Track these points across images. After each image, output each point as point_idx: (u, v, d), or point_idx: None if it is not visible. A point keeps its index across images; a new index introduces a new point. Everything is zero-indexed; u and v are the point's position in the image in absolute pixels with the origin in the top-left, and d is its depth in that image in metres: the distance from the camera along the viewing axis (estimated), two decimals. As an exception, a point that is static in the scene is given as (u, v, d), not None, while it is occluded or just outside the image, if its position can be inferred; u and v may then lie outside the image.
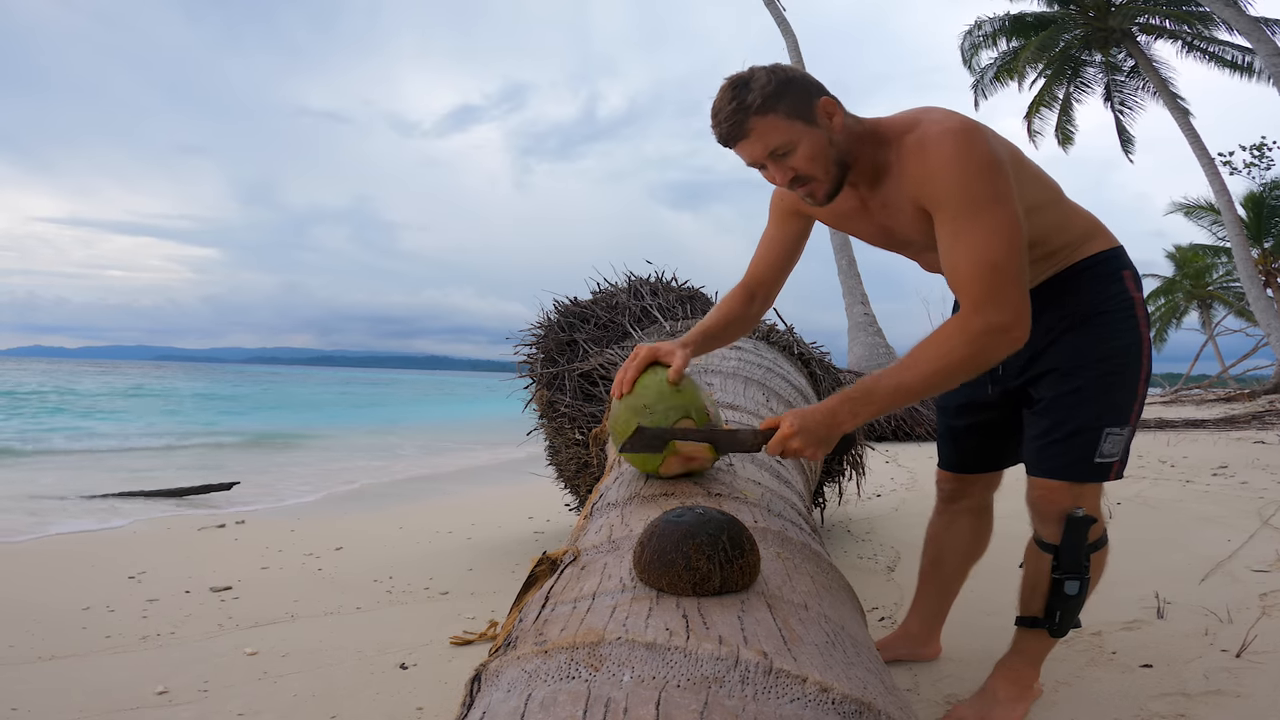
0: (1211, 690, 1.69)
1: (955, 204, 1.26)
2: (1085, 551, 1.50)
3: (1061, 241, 1.48)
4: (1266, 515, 3.48)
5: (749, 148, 1.30)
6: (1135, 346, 1.48)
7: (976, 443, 1.76)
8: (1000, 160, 1.28)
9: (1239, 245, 15.03)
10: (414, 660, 2.11)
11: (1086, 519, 1.48)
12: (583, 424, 3.15)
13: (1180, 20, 15.34)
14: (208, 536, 4.12)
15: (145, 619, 2.54)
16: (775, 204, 1.62)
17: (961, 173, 1.26)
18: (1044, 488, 1.51)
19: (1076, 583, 1.51)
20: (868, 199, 1.44)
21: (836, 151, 1.32)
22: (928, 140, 1.29)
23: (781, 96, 1.26)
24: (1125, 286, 1.50)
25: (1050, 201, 1.46)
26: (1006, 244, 1.25)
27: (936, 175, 1.27)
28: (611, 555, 1.07)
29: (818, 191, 1.35)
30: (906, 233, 1.44)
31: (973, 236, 1.25)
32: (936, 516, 1.91)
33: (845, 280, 14.81)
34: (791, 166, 1.31)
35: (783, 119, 1.27)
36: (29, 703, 1.86)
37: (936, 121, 1.31)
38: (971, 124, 1.30)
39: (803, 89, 1.29)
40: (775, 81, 1.27)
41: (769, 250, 1.62)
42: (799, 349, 3.20)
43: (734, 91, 1.27)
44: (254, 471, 7.85)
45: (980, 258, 1.24)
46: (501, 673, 0.80)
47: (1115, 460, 1.49)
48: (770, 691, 0.72)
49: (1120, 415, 1.47)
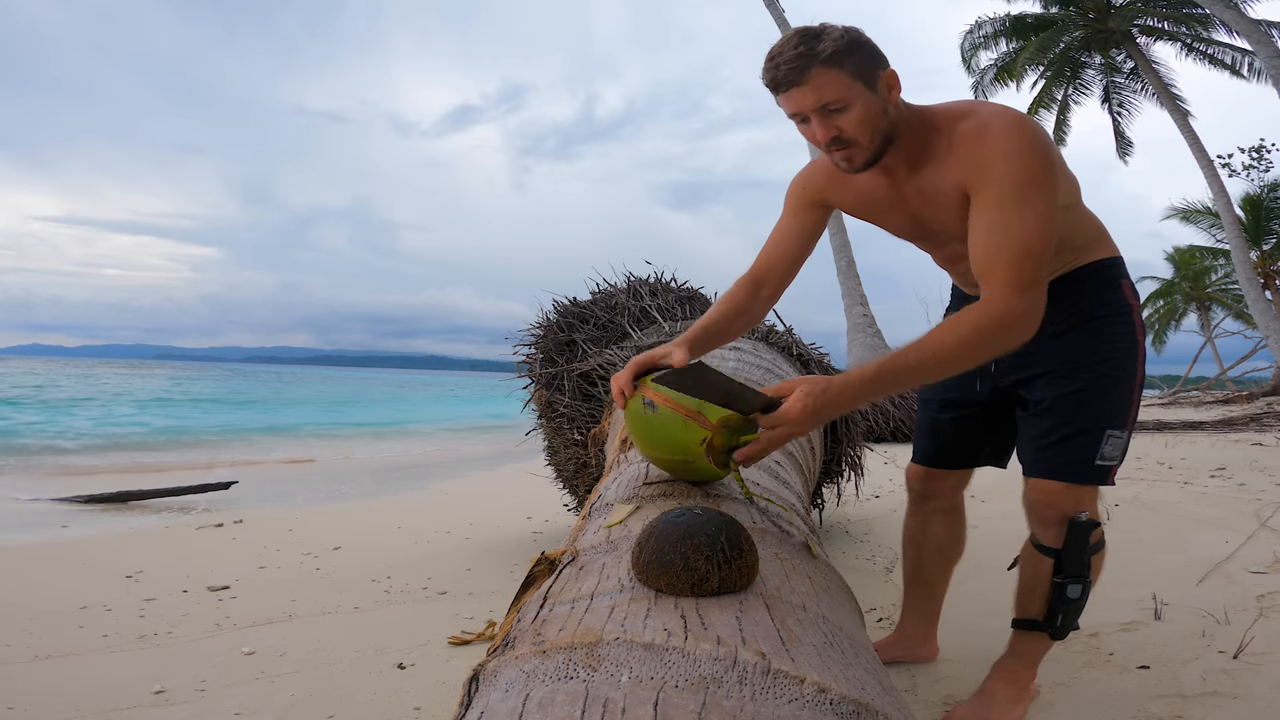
0: (1209, 691, 1.69)
1: (1007, 188, 1.27)
2: (1088, 555, 1.50)
3: (1076, 243, 1.49)
4: (1264, 517, 3.49)
5: (801, 96, 1.26)
6: (1132, 351, 1.49)
7: (956, 435, 1.77)
8: (1054, 155, 1.31)
9: (1238, 248, 15.04)
10: (412, 660, 2.10)
11: (1090, 523, 1.48)
12: (581, 424, 3.15)
13: (1180, 22, 15.36)
14: (205, 536, 4.11)
15: (143, 618, 2.54)
16: (794, 194, 1.58)
17: (1020, 159, 1.26)
18: (1043, 490, 1.51)
19: (1079, 586, 1.51)
20: (903, 184, 1.43)
21: (887, 124, 1.32)
22: (990, 127, 1.29)
23: (851, 54, 1.26)
24: (1124, 294, 1.52)
25: (1074, 203, 1.47)
26: (1044, 236, 1.26)
27: (995, 158, 1.28)
28: (610, 555, 1.07)
29: (856, 157, 1.33)
30: (939, 221, 1.42)
31: (1018, 222, 1.25)
32: (910, 519, 1.92)
33: (844, 281, 14.81)
34: (838, 125, 1.29)
35: (846, 75, 1.25)
36: (25, 702, 1.86)
37: (997, 112, 1.32)
38: (1031, 119, 1.32)
39: (872, 54, 1.29)
40: (849, 39, 1.26)
41: (781, 241, 1.58)
42: (798, 350, 3.20)
43: (803, 38, 1.25)
44: (255, 471, 7.84)
45: (1020, 244, 1.25)
46: (499, 673, 0.80)
47: (1116, 463, 1.49)
48: (768, 692, 0.72)
49: (1119, 418, 1.48)
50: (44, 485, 6.56)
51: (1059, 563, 1.51)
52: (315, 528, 4.32)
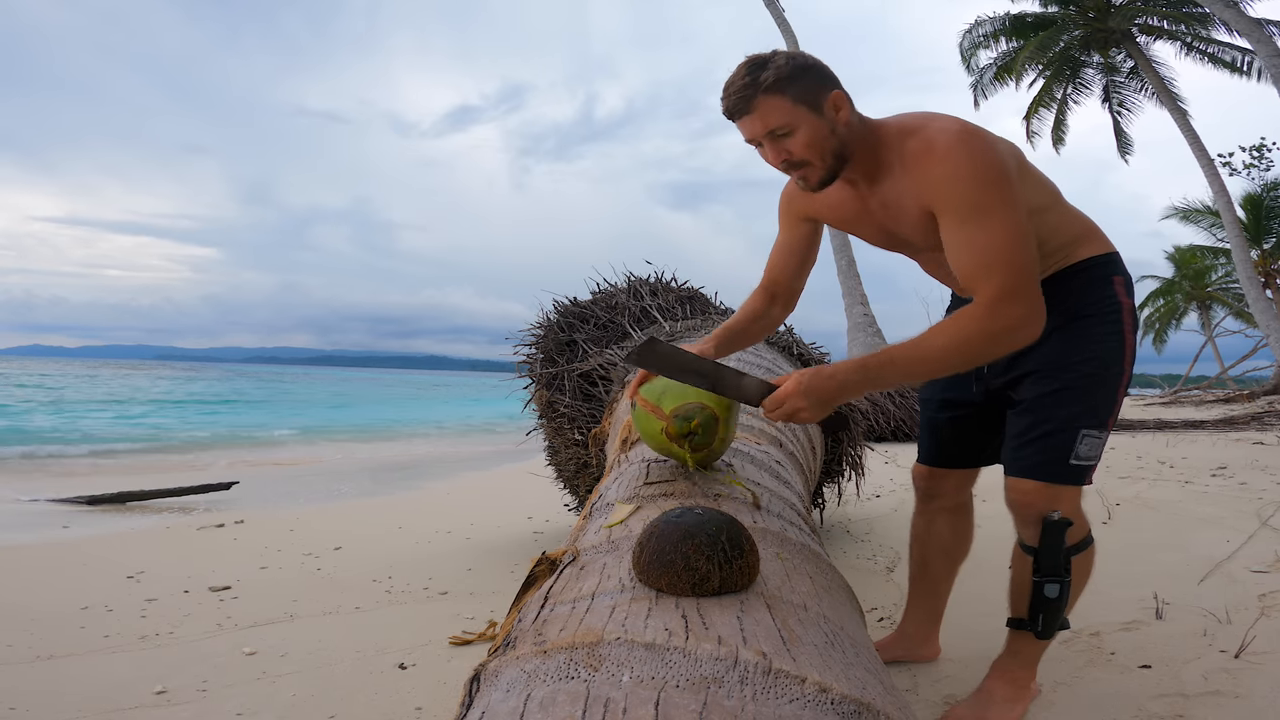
0: (1210, 691, 1.69)
1: (964, 209, 1.29)
2: (1065, 554, 1.50)
3: (1056, 244, 1.49)
4: (1265, 516, 3.49)
5: (750, 124, 1.33)
6: (1118, 351, 1.48)
7: (954, 435, 1.78)
8: (1005, 165, 1.31)
9: (1238, 247, 15.04)
10: (413, 660, 2.11)
11: (1063, 522, 1.48)
12: (582, 424, 3.15)
13: (1179, 21, 15.35)
14: (206, 536, 4.11)
15: (144, 618, 2.54)
16: (782, 210, 1.66)
17: (969, 178, 1.28)
18: (1020, 489, 1.52)
19: (1056, 586, 1.51)
20: (867, 198, 1.46)
21: (836, 143, 1.35)
22: (934, 146, 1.31)
23: (794, 81, 1.30)
24: (1114, 291, 1.50)
25: (1049, 205, 1.48)
26: (1016, 244, 1.27)
27: (944, 180, 1.30)
28: (611, 555, 1.07)
29: (811, 176, 1.38)
30: (907, 234, 1.45)
31: (984, 238, 1.27)
32: (917, 517, 1.92)
33: (845, 281, 14.82)
34: (787, 149, 1.34)
35: (788, 102, 1.30)
36: (27, 702, 1.86)
37: (941, 128, 1.33)
38: (975, 129, 1.32)
39: (817, 78, 1.33)
40: (792, 65, 1.31)
41: (781, 254, 1.68)
42: (798, 350, 3.20)
43: (750, 68, 1.31)
44: (256, 471, 7.85)
45: (992, 258, 1.26)
46: (500, 673, 0.80)
47: (1093, 463, 1.49)
48: (769, 692, 0.72)
49: (1097, 418, 1.47)
50: (45, 486, 6.56)
51: (1036, 562, 1.52)
52: (316, 528, 4.32)
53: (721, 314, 3.58)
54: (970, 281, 1.30)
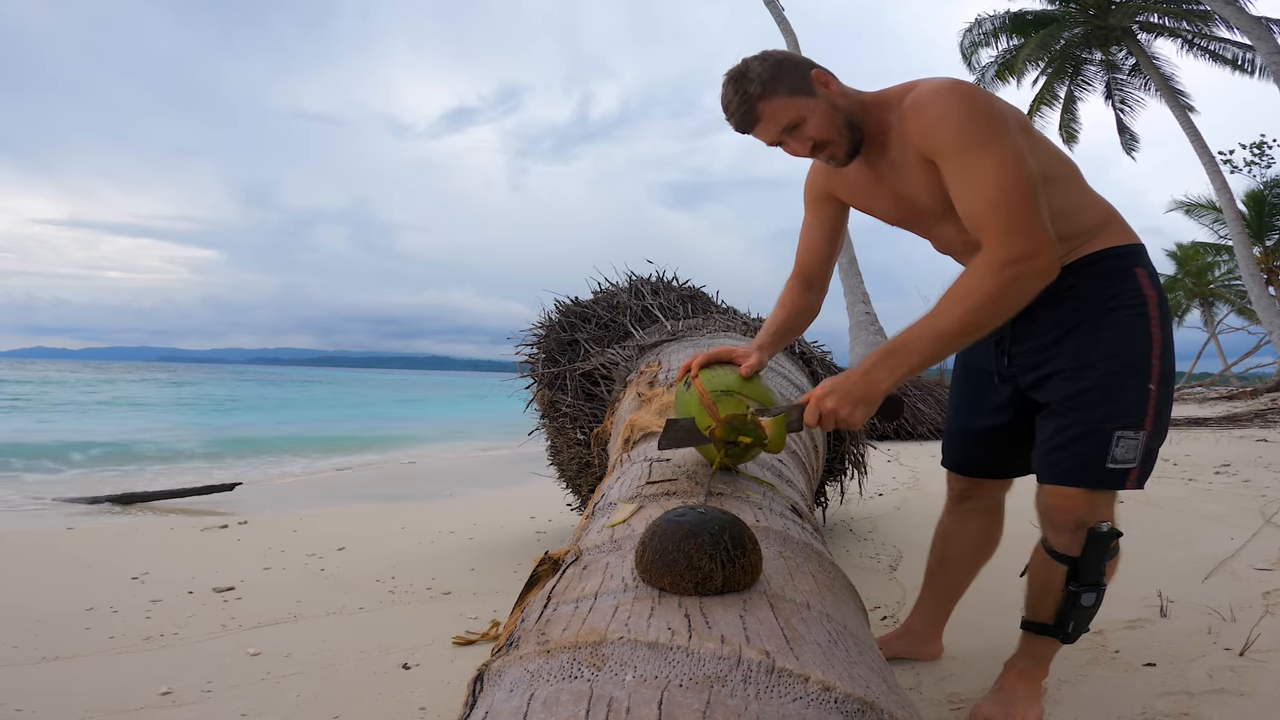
0: (1215, 689, 1.69)
1: (957, 146, 1.30)
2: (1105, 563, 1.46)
3: (1076, 227, 1.43)
4: (1269, 513, 3.48)
5: (764, 130, 1.40)
6: (1146, 345, 1.41)
7: (986, 447, 1.73)
8: (998, 105, 1.34)
9: (1240, 243, 15.01)
10: (416, 660, 2.11)
11: (1113, 532, 1.44)
12: (584, 424, 3.15)
13: (1180, 18, 15.32)
14: (210, 537, 4.12)
15: (148, 619, 2.55)
16: (807, 192, 1.68)
17: (957, 118, 1.30)
18: (1057, 495, 1.46)
19: (1094, 594, 1.47)
20: (878, 164, 1.48)
21: (843, 114, 1.40)
22: (922, 98, 1.35)
23: (779, 78, 1.36)
24: (1139, 283, 1.43)
25: (1067, 177, 1.44)
26: (1015, 174, 1.27)
27: (935, 125, 1.32)
28: (613, 555, 1.07)
29: (838, 152, 1.43)
30: (920, 196, 1.44)
31: (981, 174, 1.28)
32: (946, 515, 1.88)
33: (846, 279, 14.80)
34: (808, 136, 1.39)
35: (785, 98, 1.36)
36: (33, 704, 1.86)
37: (934, 80, 1.38)
38: (961, 80, 1.37)
39: (795, 66, 1.38)
40: (769, 66, 1.37)
41: (810, 238, 1.70)
42: (800, 348, 3.20)
43: (736, 85, 1.38)
44: (257, 472, 7.86)
45: (992, 192, 1.26)
46: (504, 672, 0.80)
47: (1132, 467, 1.40)
48: (773, 690, 0.72)
49: (1132, 418, 1.39)
50: (50, 488, 6.58)
51: (1075, 571, 1.46)
52: (319, 529, 4.33)
53: (723, 313, 3.58)
54: (976, 220, 1.28)
